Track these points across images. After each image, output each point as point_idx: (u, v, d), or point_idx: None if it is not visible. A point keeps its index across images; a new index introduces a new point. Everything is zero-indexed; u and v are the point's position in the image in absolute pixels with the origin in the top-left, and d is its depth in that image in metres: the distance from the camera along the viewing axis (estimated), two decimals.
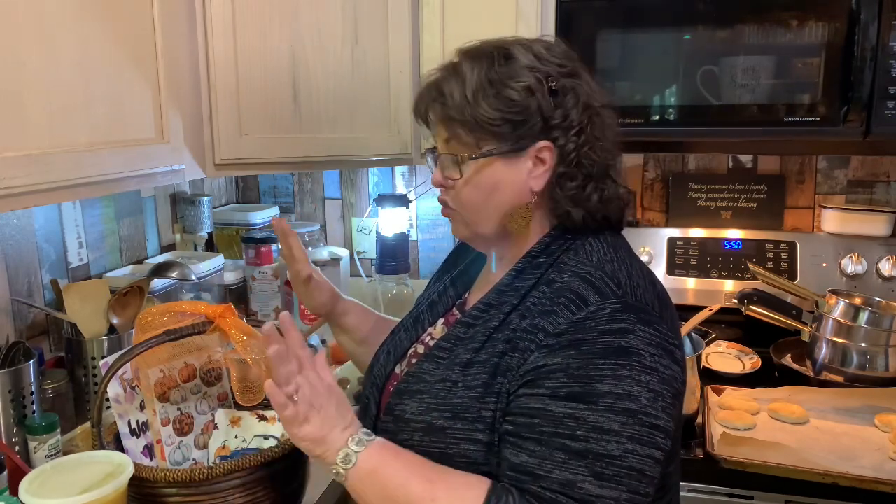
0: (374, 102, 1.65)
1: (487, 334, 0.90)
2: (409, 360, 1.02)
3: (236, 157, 1.49)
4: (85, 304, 1.37)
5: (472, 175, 0.92)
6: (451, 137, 0.93)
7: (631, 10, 1.60)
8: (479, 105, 0.89)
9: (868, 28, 1.43)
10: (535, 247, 0.94)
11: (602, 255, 0.91)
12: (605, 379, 0.80)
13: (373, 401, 1.02)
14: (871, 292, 1.74)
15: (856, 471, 1.23)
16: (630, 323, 0.82)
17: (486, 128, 0.90)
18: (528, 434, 0.81)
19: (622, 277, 0.87)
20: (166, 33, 1.28)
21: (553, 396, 0.81)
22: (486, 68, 0.90)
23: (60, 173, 1.06)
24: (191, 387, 1.15)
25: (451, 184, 0.95)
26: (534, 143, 0.90)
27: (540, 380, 0.82)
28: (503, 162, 0.91)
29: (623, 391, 0.80)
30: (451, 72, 0.93)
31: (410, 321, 1.08)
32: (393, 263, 2.07)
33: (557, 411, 0.80)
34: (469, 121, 0.90)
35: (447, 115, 0.92)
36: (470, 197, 0.94)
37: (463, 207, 0.95)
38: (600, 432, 0.79)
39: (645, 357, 0.81)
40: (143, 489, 0.97)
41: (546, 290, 0.89)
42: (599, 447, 0.79)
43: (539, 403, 0.81)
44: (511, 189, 0.93)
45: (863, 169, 1.91)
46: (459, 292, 1.06)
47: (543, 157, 0.91)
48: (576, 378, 0.80)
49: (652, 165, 2.05)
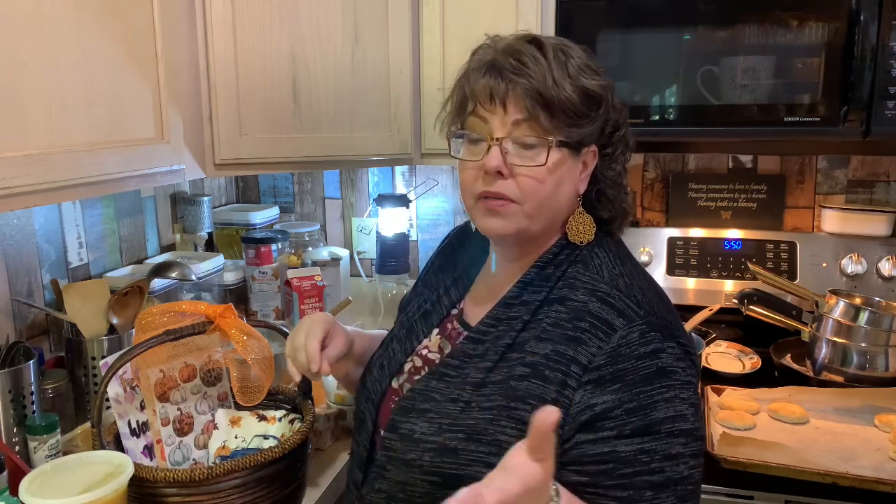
0: (374, 102, 1.65)
1: (499, 353, 0.88)
2: (410, 375, 0.98)
3: (236, 157, 1.49)
4: (85, 304, 1.37)
5: (553, 165, 0.86)
6: (528, 119, 0.85)
7: (631, 10, 1.60)
8: (564, 89, 0.84)
9: (868, 28, 1.43)
10: (543, 255, 0.93)
11: (611, 268, 0.91)
12: (658, 405, 0.81)
13: (369, 416, 0.98)
14: (871, 292, 1.74)
15: (856, 471, 1.23)
16: (659, 342, 0.83)
17: (568, 116, 0.85)
18: (608, 482, 0.80)
19: (638, 294, 0.87)
20: (166, 33, 1.28)
21: (619, 437, 0.80)
22: (563, 56, 0.86)
23: (60, 173, 1.06)
24: (191, 387, 1.15)
25: (511, 171, 0.86)
26: (589, 145, 0.90)
27: (599, 422, 0.81)
28: (570, 156, 0.88)
29: (676, 413, 0.81)
30: (528, 51, 0.86)
31: (403, 332, 1.03)
32: (393, 263, 2.07)
33: (628, 450, 0.80)
34: (555, 103, 0.84)
35: (535, 92, 0.84)
36: (545, 188, 0.87)
37: (530, 198, 0.87)
38: (670, 459, 0.80)
39: (680, 373, 0.83)
40: (143, 489, 0.97)
41: (561, 310, 0.87)
42: (675, 473, 0.80)
43: (607, 447, 0.80)
44: (570, 186, 0.90)
45: (863, 169, 1.91)
46: (454, 300, 1.02)
47: (587, 161, 0.91)
48: (633, 412, 0.80)
49: (652, 165, 2.05)
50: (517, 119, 0.86)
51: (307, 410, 1.15)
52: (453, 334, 0.99)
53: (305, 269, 1.82)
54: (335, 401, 1.48)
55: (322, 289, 1.75)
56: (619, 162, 0.94)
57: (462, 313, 1.00)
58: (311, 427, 1.09)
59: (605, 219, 0.95)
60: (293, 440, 1.04)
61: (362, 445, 0.98)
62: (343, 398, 1.48)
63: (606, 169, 0.93)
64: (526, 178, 0.86)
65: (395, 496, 0.89)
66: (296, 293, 1.73)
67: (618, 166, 0.94)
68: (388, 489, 0.90)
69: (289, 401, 1.23)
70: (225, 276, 1.89)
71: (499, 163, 0.86)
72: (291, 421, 1.17)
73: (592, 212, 0.94)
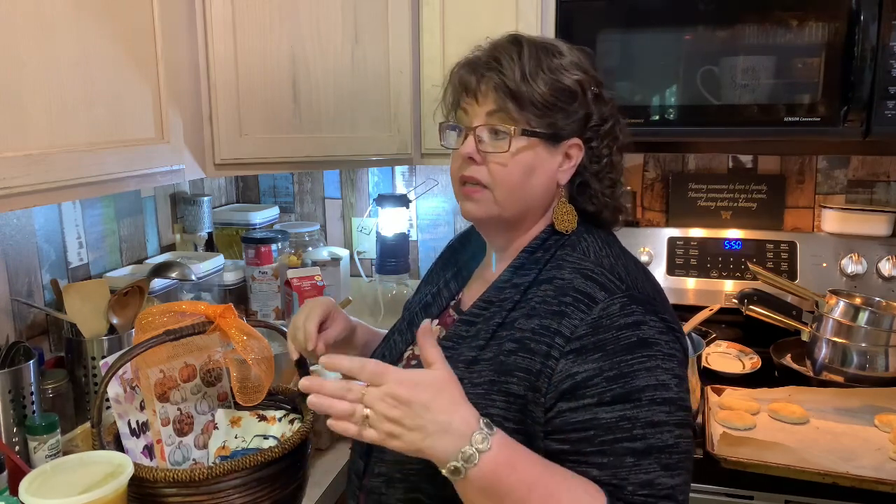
0: (375, 102, 1.65)
1: (491, 332, 0.91)
2: (408, 362, 1.02)
3: (236, 157, 1.49)
4: (85, 304, 1.37)
5: (518, 151, 0.92)
6: (498, 110, 0.92)
7: (631, 10, 1.60)
8: (535, 83, 0.90)
9: (868, 28, 1.43)
10: (532, 241, 0.97)
11: (598, 250, 0.94)
12: (638, 373, 0.82)
13: None
14: (871, 292, 1.74)
15: (856, 471, 1.23)
16: (640, 314, 0.85)
17: (537, 108, 0.90)
18: (589, 448, 0.81)
19: (621, 271, 0.91)
20: (166, 33, 1.28)
21: (600, 404, 0.81)
22: (542, 54, 0.92)
23: (60, 173, 1.06)
24: (191, 387, 1.15)
25: (484, 158, 0.93)
26: (569, 138, 0.94)
27: (579, 390, 0.82)
28: (543, 147, 0.93)
29: (657, 381, 0.83)
30: (505, 49, 0.92)
31: (404, 324, 1.08)
32: (393, 263, 2.07)
33: (609, 417, 0.81)
34: (523, 96, 0.90)
35: (503, 86, 0.90)
36: (511, 174, 0.92)
37: (498, 184, 0.93)
38: (652, 426, 0.81)
39: (662, 346, 0.85)
40: (143, 489, 0.97)
41: (548, 289, 0.90)
42: (658, 441, 0.81)
43: (588, 414, 0.82)
44: (544, 176, 0.94)
45: (863, 169, 1.91)
46: (454, 292, 1.07)
47: (572, 153, 0.95)
48: (613, 380, 0.82)
49: (652, 165, 2.05)
50: (490, 110, 0.92)
51: (307, 410, 1.15)
52: (450, 322, 1.02)
53: (305, 269, 1.82)
54: None
55: (322, 289, 1.75)
56: (605, 156, 0.97)
57: (459, 303, 1.05)
58: (311, 427, 1.09)
59: (590, 211, 0.98)
60: (293, 440, 1.04)
61: None
62: None
63: (591, 162, 0.96)
64: (494, 165, 0.93)
65: (392, 476, 0.92)
66: (296, 293, 1.73)
67: (604, 160, 0.97)
68: (386, 471, 0.93)
69: (289, 401, 1.23)
70: (225, 276, 1.89)
71: (471, 149, 0.93)
72: (291, 421, 1.17)
73: (577, 203, 0.98)
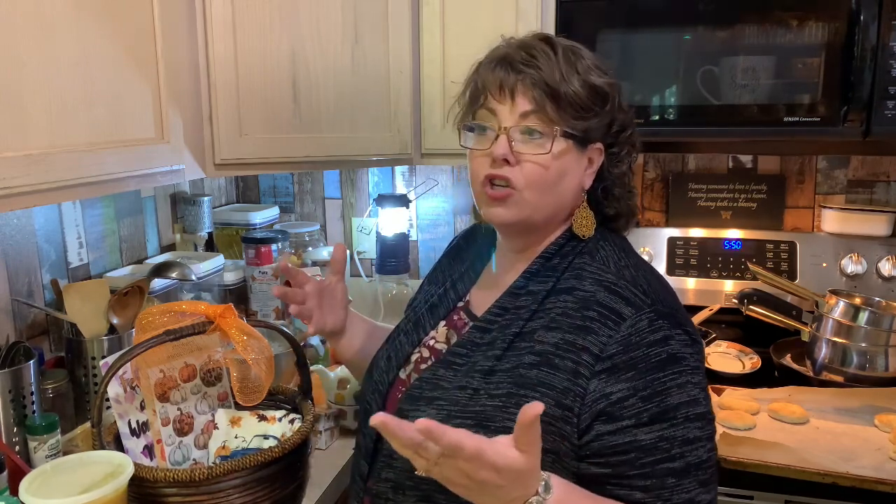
0: (375, 102, 1.65)
1: (508, 341, 0.89)
2: (417, 365, 1.00)
3: (236, 157, 1.49)
4: (85, 304, 1.36)
5: (559, 154, 0.90)
6: (536, 111, 0.89)
7: (631, 10, 1.60)
8: (571, 83, 0.88)
9: (868, 28, 1.43)
10: (549, 247, 0.96)
11: (617, 260, 0.93)
12: (671, 391, 0.82)
13: (375, 406, 1.00)
14: (871, 292, 1.74)
15: (856, 471, 1.23)
16: (667, 329, 0.85)
17: (575, 109, 0.89)
18: (631, 471, 0.81)
19: (643, 284, 0.90)
20: (166, 33, 1.28)
21: (638, 425, 0.81)
22: (573, 55, 0.91)
23: (60, 173, 1.05)
24: (191, 387, 1.15)
25: (519, 159, 0.89)
26: (594, 142, 0.93)
27: (616, 411, 0.82)
28: (575, 150, 0.91)
29: (689, 398, 0.83)
30: (539, 47, 0.90)
31: (410, 325, 1.06)
32: (393, 263, 2.07)
33: (648, 438, 0.81)
34: (562, 96, 0.88)
35: (543, 83, 0.88)
36: (548, 176, 0.90)
37: (533, 186, 0.90)
38: (689, 443, 0.82)
39: (689, 359, 0.85)
40: (143, 489, 0.97)
41: (569, 300, 0.89)
42: (694, 458, 0.82)
43: (628, 437, 0.82)
44: (574, 180, 0.93)
45: (863, 169, 1.91)
46: (461, 294, 1.05)
47: (593, 157, 0.94)
48: (648, 399, 0.82)
49: (652, 165, 2.05)
50: (525, 110, 0.89)
51: (307, 410, 1.15)
52: (459, 324, 1.01)
53: (305, 269, 1.82)
54: (335, 401, 1.48)
55: None
56: (625, 161, 0.97)
57: (468, 305, 1.03)
58: (311, 427, 1.09)
59: (610, 216, 0.98)
60: (293, 440, 1.04)
61: (368, 437, 0.98)
62: (343, 398, 1.48)
63: (612, 167, 0.96)
64: (531, 165, 0.90)
65: (402, 484, 0.90)
66: None
67: (623, 166, 0.97)
68: (395, 478, 0.91)
69: (289, 401, 1.23)
70: (225, 276, 1.89)
71: (505, 150, 0.89)
72: (291, 421, 1.17)
73: (597, 208, 0.97)
